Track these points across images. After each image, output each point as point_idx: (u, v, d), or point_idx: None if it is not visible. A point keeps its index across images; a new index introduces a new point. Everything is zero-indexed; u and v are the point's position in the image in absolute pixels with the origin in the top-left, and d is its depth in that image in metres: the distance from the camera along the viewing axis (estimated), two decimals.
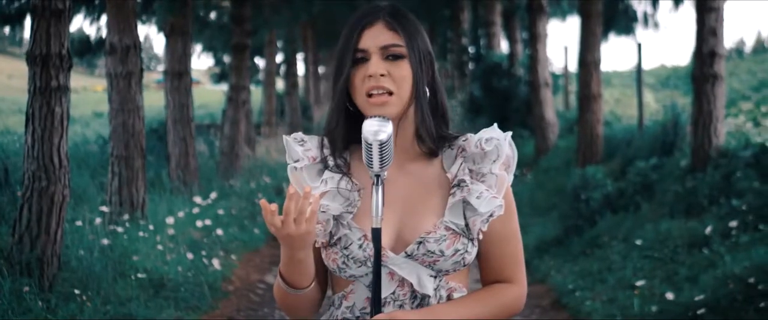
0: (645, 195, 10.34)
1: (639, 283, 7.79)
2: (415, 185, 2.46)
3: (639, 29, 18.85)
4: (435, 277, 2.42)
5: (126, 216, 9.29)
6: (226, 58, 28.29)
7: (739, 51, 76.18)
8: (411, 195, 2.45)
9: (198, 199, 11.02)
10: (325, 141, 2.51)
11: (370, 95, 2.39)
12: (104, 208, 9.22)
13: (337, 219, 2.42)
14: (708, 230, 8.17)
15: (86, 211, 9.25)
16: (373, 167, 2.27)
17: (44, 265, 6.98)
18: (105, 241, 8.14)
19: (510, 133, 2.49)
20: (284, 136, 2.52)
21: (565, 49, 19.90)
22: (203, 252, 9.34)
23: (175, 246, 9.09)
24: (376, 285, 2.34)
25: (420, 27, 2.47)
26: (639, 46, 13.96)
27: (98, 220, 8.72)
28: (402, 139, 2.44)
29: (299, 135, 2.53)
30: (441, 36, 36.11)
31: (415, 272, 2.40)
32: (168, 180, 12.74)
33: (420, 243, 2.39)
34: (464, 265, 2.44)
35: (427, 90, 2.46)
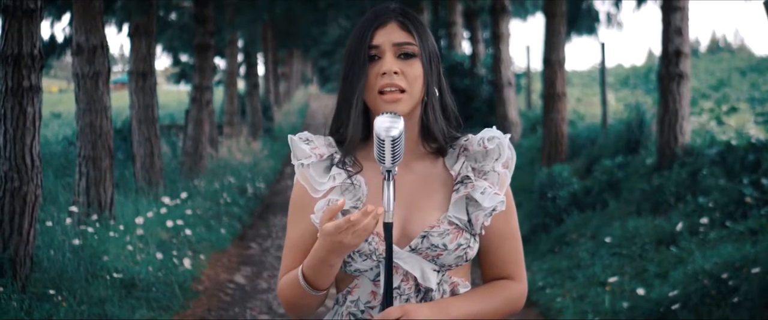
0: (612, 193, 10.43)
1: (613, 280, 7.86)
2: (420, 183, 2.51)
3: (601, 29, 18.98)
4: (438, 272, 2.47)
5: (94, 217, 9.24)
6: (185, 58, 28.18)
7: (694, 50, 76.89)
8: (415, 192, 2.50)
9: (166, 199, 10.99)
10: (332, 140, 2.54)
11: (382, 92, 2.43)
12: (73, 208, 9.17)
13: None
14: (679, 227, 8.26)
15: (54, 211, 9.21)
16: (385, 163, 2.30)
17: (17, 266, 6.95)
18: (76, 241, 8.11)
19: (509, 135, 2.56)
20: (290, 136, 2.54)
21: (527, 48, 20.00)
22: (173, 253, 9.32)
23: (144, 246, 9.07)
24: (387, 279, 2.37)
25: (428, 28, 2.52)
26: (602, 45, 14.07)
27: (68, 220, 8.67)
28: (408, 137, 2.48)
29: (305, 134, 2.56)
30: None
31: (418, 266, 2.45)
32: (133, 181, 12.69)
33: (424, 237, 2.44)
34: (466, 260, 2.49)
35: (436, 90, 2.50)
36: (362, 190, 2.48)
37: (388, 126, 2.29)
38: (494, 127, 2.57)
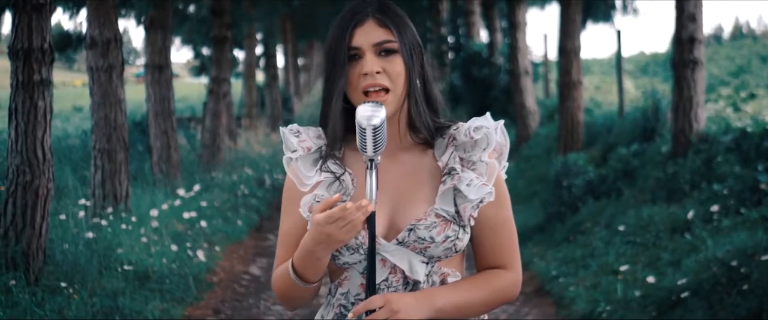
0: (627, 182, 10.40)
1: (622, 268, 7.84)
2: (407, 174, 2.51)
3: (618, 16, 18.89)
4: (427, 263, 2.46)
5: (109, 210, 9.29)
6: (206, 51, 28.27)
7: (717, 37, 76.35)
8: (403, 185, 2.49)
9: (181, 191, 11.02)
10: (322, 132, 2.55)
11: (366, 93, 2.43)
12: (87, 202, 9.21)
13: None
14: (690, 215, 8.22)
15: (69, 205, 9.25)
16: (367, 151, 2.31)
17: (30, 259, 6.99)
18: (89, 234, 8.14)
19: (502, 122, 2.54)
20: (281, 128, 2.56)
21: (545, 37, 20.00)
22: (188, 244, 9.34)
23: (159, 238, 9.10)
24: (370, 269, 2.38)
25: (407, 19, 2.51)
26: (618, 33, 14.02)
27: (81, 214, 8.71)
28: (394, 129, 2.49)
29: (295, 126, 2.57)
30: (420, 26, 36.06)
31: (406, 258, 2.45)
32: (151, 173, 12.74)
33: (411, 230, 2.43)
34: (456, 252, 2.48)
35: (418, 82, 2.50)
36: (348, 184, 2.48)
37: (369, 114, 2.30)
38: (487, 115, 2.55)
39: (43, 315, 6.44)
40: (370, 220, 2.34)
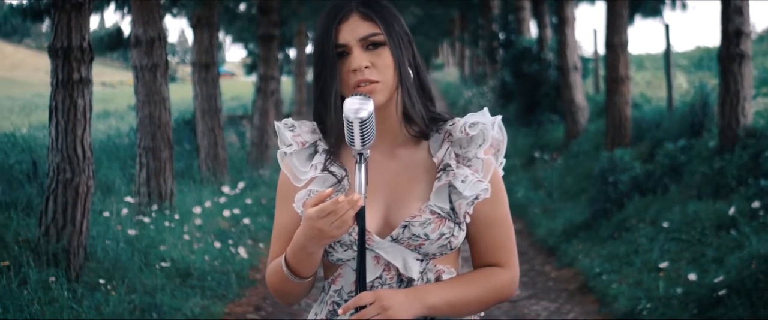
0: (673, 177, 10.26)
1: (664, 265, 7.74)
2: (402, 170, 2.48)
3: (667, 11, 18.66)
4: (421, 261, 2.44)
5: (154, 207, 9.36)
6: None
7: None
8: (398, 181, 2.47)
9: (226, 189, 11.07)
10: (316, 126, 2.52)
11: (357, 88, 2.40)
12: (132, 199, 9.28)
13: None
14: (731, 211, 8.09)
15: (114, 202, 9.33)
16: (355, 145, 2.27)
17: (71, 256, 7.06)
18: (131, 231, 8.20)
19: (499, 117, 2.51)
20: (275, 123, 2.53)
21: (594, 32, 19.74)
22: (230, 242, 9.38)
23: (202, 235, 9.14)
24: (360, 264, 2.35)
25: (394, 9, 2.48)
26: (667, 27, 13.85)
27: (124, 211, 8.78)
28: (389, 123, 2.46)
29: (290, 120, 2.55)
30: (472, 23, 36.01)
31: (400, 256, 2.42)
32: (198, 171, 12.82)
33: (405, 226, 2.41)
34: (451, 249, 2.45)
35: (411, 71, 2.47)
36: (343, 181, 2.46)
37: (356, 107, 2.26)
38: (485, 110, 2.52)
39: (80, 311, 6.49)
40: (360, 216, 2.30)
